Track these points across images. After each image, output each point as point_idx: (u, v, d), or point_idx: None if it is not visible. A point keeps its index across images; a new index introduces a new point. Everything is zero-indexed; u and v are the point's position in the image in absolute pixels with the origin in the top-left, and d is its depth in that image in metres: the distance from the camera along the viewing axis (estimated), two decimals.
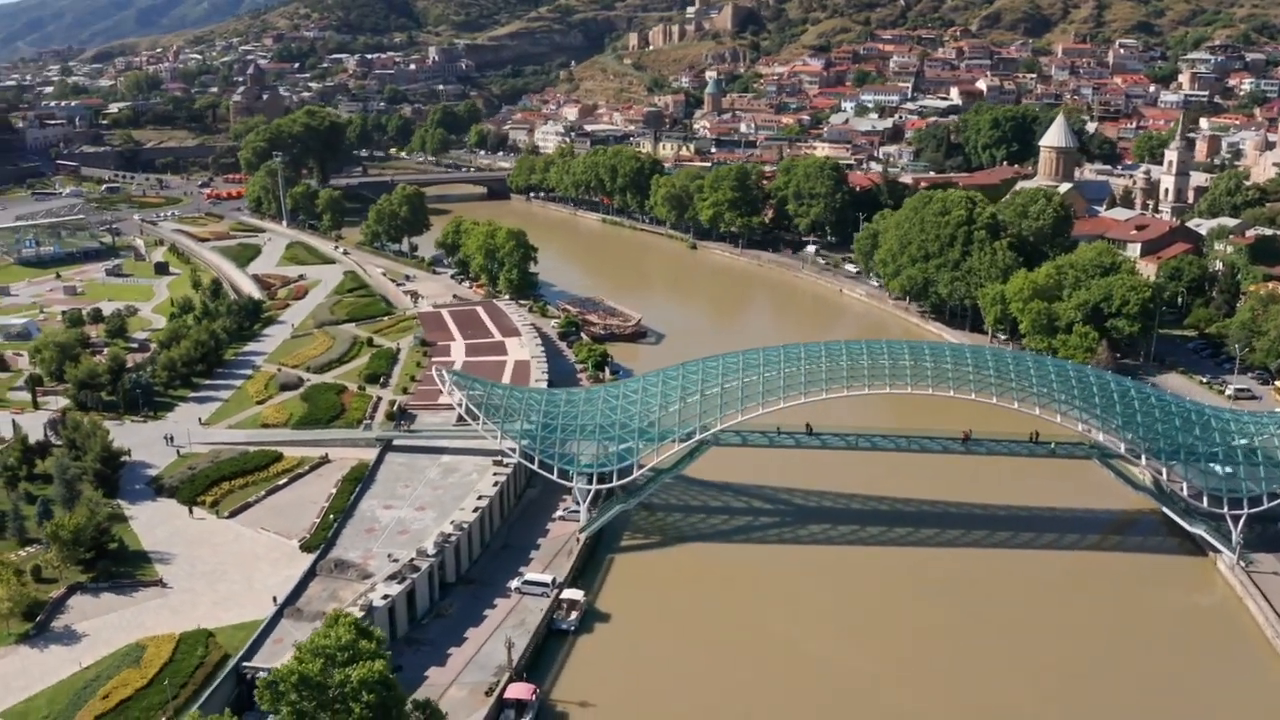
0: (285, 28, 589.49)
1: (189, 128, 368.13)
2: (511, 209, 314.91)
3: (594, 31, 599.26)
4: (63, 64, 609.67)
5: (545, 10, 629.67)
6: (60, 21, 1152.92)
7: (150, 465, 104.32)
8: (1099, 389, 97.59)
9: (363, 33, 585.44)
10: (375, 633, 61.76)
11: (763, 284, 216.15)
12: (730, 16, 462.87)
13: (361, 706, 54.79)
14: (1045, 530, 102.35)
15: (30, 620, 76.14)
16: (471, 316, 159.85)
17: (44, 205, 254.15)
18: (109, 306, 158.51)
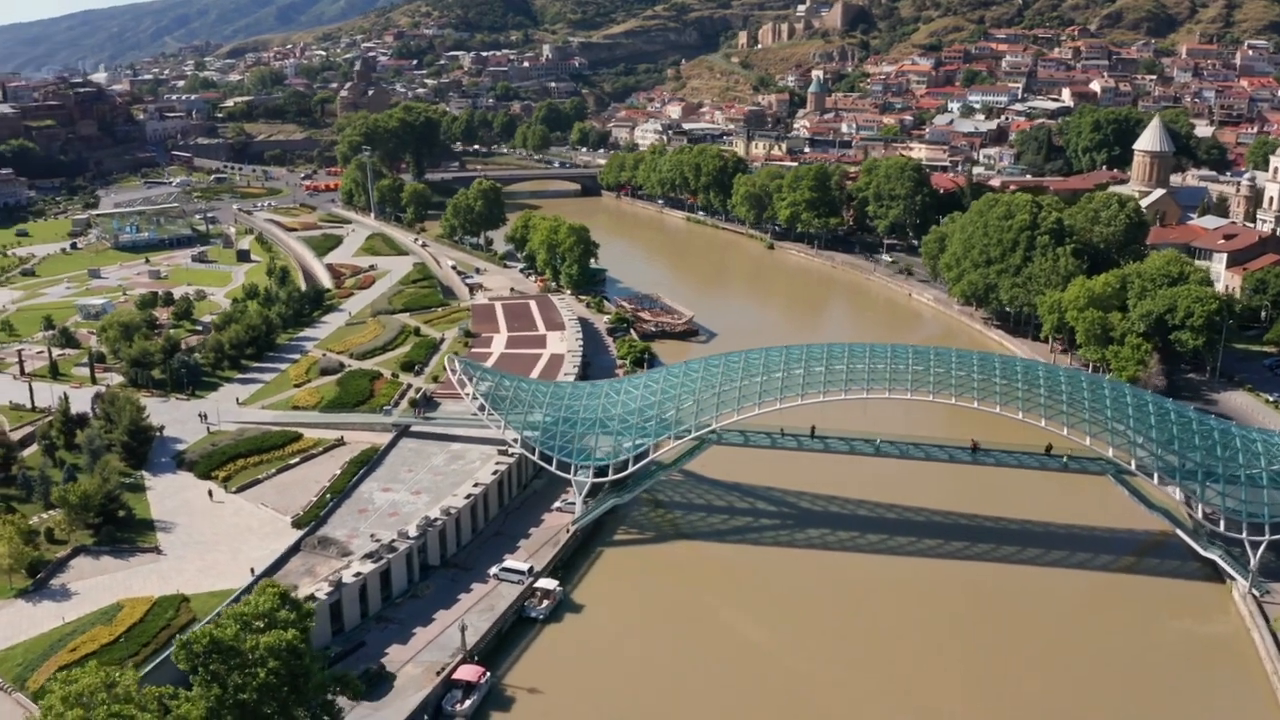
0: (406, 25, 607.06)
1: (299, 122, 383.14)
2: (602, 206, 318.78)
3: (709, 30, 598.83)
4: (197, 59, 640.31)
5: (661, 9, 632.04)
6: (205, 18, 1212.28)
7: (181, 440, 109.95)
8: (1113, 402, 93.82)
9: (480, 30, 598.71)
10: (304, 605, 64.16)
11: (832, 286, 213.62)
12: (840, 14, 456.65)
13: (266, 672, 57.14)
14: (1055, 547, 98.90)
15: (33, 577, 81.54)
16: (522, 310, 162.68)
17: (143, 194, 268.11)
18: (187, 290, 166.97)
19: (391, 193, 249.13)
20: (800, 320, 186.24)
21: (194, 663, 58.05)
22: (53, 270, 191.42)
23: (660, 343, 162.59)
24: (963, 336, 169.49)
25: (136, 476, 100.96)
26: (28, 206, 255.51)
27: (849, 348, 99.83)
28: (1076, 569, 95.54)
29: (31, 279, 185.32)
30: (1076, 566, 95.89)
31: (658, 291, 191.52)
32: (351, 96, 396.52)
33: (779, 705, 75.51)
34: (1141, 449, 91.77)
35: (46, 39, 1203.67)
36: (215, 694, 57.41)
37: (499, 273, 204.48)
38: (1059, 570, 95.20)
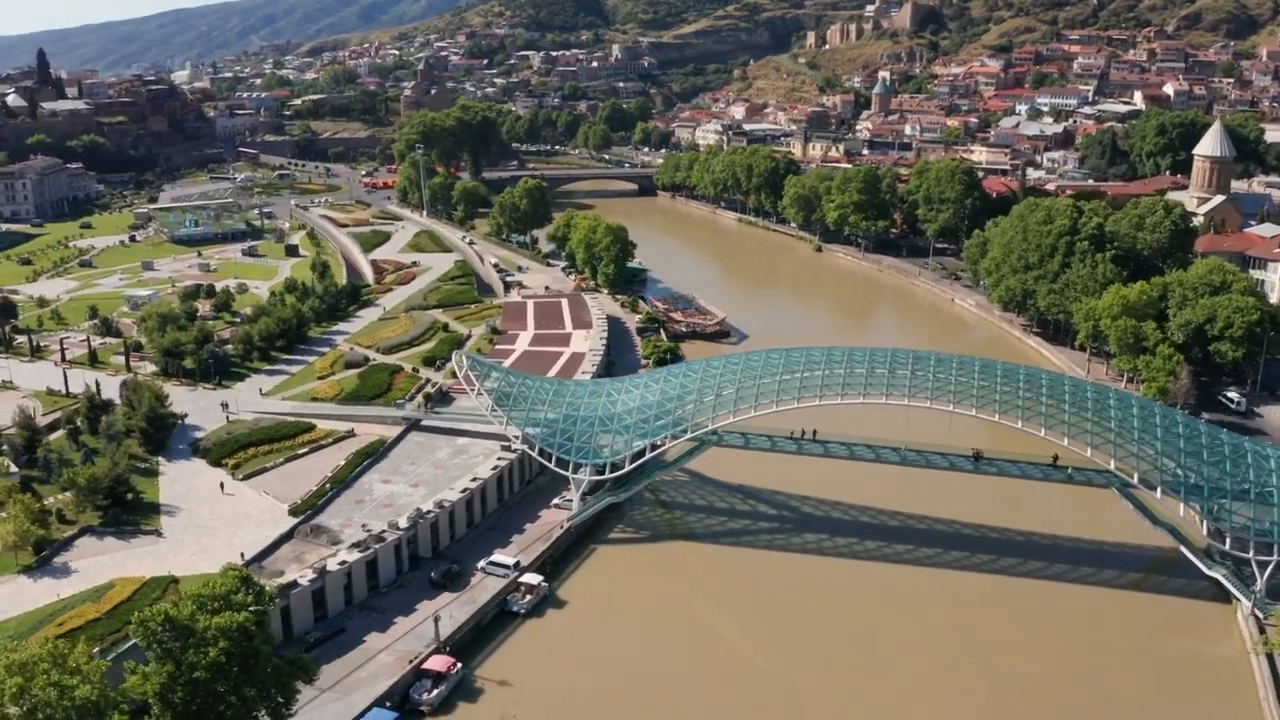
0: (479, 25, 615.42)
1: (363, 120, 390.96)
2: (657, 206, 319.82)
3: (780, 30, 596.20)
4: (277, 58, 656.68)
5: (733, 8, 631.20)
6: (290, 17, 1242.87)
7: (201, 428, 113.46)
8: (1118, 412, 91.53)
9: (551, 30, 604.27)
10: (265, 590, 66.03)
11: (876, 289, 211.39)
12: (910, 15, 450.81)
13: (217, 651, 59.00)
14: (1058, 560, 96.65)
15: (38, 554, 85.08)
16: (553, 308, 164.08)
17: (200, 189, 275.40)
18: (229, 283, 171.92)
19: (443, 191, 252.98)
20: (837, 324, 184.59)
21: (149, 639, 60.17)
22: (109, 262, 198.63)
23: (690, 343, 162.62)
24: (1001, 344, 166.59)
25: (152, 462, 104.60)
26: (95, 200, 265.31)
27: (849, 352, 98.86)
28: (1078, 584, 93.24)
29: (88, 270, 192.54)
30: (1079, 581, 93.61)
31: (699, 292, 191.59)
32: (415, 95, 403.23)
33: (746, 714, 75.22)
34: (1145, 462, 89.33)
35: (138, 37, 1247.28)
36: (169, 670, 59.39)
37: (541, 271, 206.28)
38: (1061, 584, 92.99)
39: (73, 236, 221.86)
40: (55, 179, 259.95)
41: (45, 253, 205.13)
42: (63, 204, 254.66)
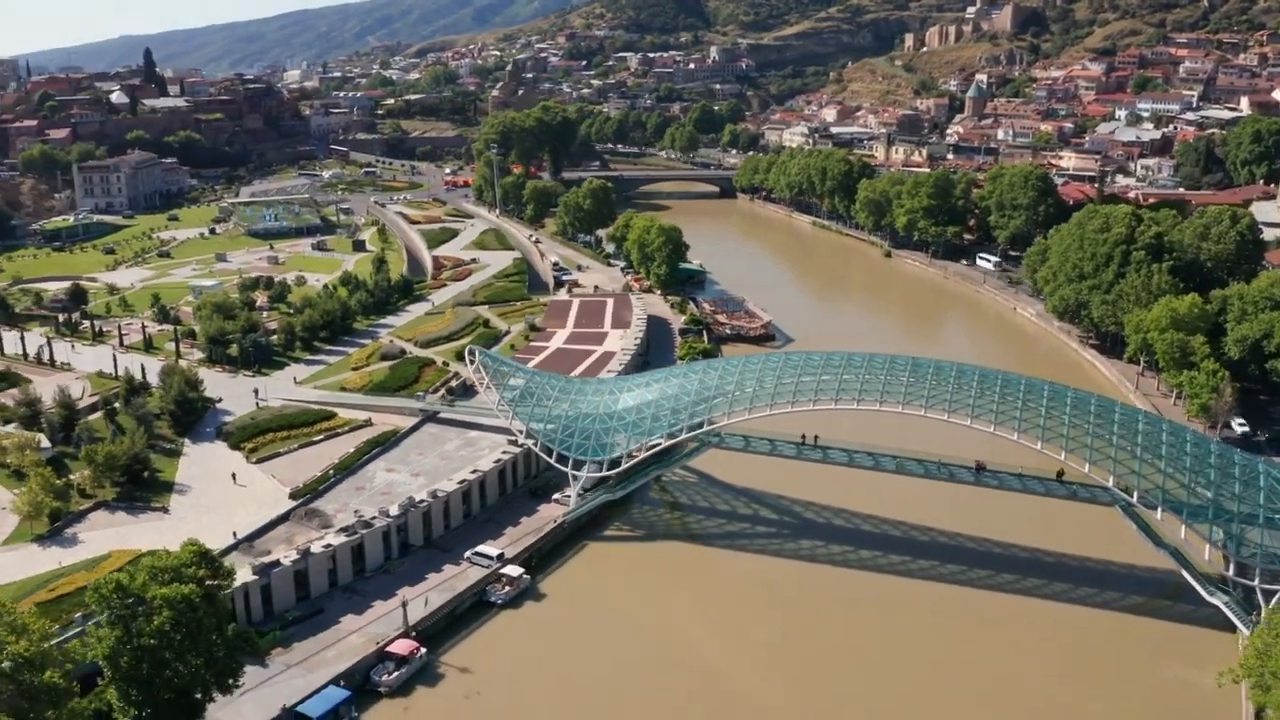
0: (580, 27, 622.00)
1: (452, 119, 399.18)
2: (735, 208, 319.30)
3: (884, 32, 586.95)
4: (385, 59, 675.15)
5: (835, 10, 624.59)
6: (406, 18, 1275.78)
7: (231, 413, 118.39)
8: (1121, 428, 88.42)
9: (651, 32, 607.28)
10: (224, 566, 69.10)
11: (938, 296, 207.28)
12: (1010, 16, 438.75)
13: (161, 620, 62.06)
14: (1059, 578, 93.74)
15: (53, 524, 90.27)
16: (597, 307, 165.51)
17: (278, 185, 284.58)
18: (289, 276, 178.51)
19: (514, 190, 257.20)
20: (887, 330, 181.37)
21: (102, 605, 63.66)
22: (186, 253, 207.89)
23: (733, 346, 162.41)
24: (1056, 355, 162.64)
25: (178, 443, 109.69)
26: (185, 193, 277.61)
27: (848, 356, 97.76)
28: (1077, 604, 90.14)
29: (165, 260, 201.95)
30: (1078, 601, 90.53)
31: (758, 296, 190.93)
32: (502, 95, 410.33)
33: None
34: (1147, 480, 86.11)
35: (261, 37, 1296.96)
36: (118, 635, 62.69)
37: (600, 270, 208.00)
38: (1058, 604, 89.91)
39: (158, 228, 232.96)
40: (149, 173, 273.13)
41: (129, 243, 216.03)
42: (154, 197, 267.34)
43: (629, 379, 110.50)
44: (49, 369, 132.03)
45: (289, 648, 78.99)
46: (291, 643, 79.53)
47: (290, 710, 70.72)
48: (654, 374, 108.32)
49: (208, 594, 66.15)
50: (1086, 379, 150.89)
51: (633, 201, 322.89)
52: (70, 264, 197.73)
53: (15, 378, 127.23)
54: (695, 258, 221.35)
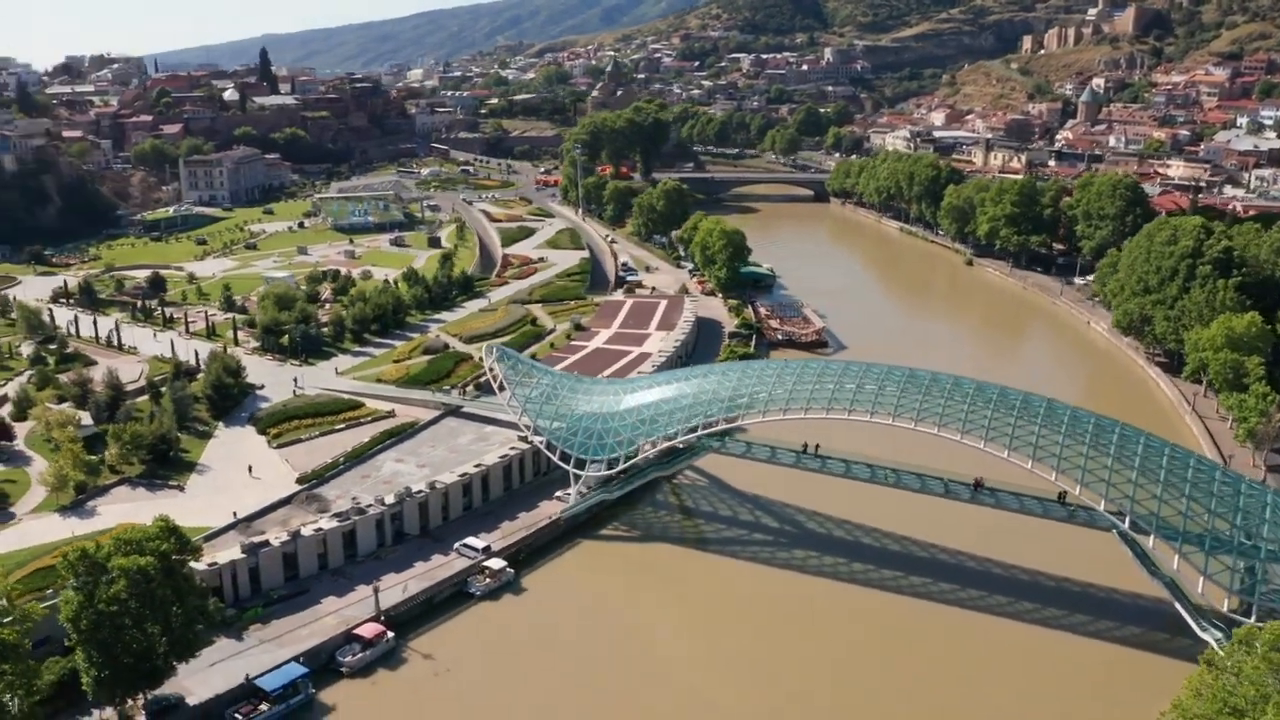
0: (695, 28, 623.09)
1: (552, 119, 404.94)
2: (827, 212, 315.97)
3: (1008, 34, 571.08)
4: (504, 59, 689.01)
5: (957, 11, 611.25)
6: (535, 19, 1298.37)
7: (268, 399, 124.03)
8: (1119, 449, 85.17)
9: (765, 33, 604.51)
10: (192, 542, 73.21)
11: (1012, 307, 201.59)
12: (1132, 19, 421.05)
13: (118, 588, 66.25)
14: (1054, 604, 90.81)
15: (78, 495, 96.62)
16: (648, 308, 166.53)
17: (364, 181, 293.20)
18: (357, 270, 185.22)
19: (596, 190, 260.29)
20: (946, 340, 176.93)
21: (69, 571, 68.32)
22: (272, 246, 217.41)
23: (783, 351, 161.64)
24: (1118, 372, 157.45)
25: (212, 426, 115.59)
26: (284, 188, 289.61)
27: (845, 365, 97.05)
28: (1069, 631, 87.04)
29: (251, 252, 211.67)
30: (1070, 629, 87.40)
31: (826, 301, 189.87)
32: (601, 96, 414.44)
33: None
34: (1141, 505, 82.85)
35: (394, 36, 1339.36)
36: (80, 600, 67.16)
37: (669, 272, 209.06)
38: (1049, 631, 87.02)
39: (252, 221, 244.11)
40: (251, 168, 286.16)
41: (220, 235, 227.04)
42: (254, 191, 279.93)
43: (637, 380, 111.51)
44: (116, 352, 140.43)
45: (267, 624, 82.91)
46: (270, 620, 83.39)
47: (249, 682, 74.29)
48: (657, 375, 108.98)
49: (168, 567, 70.05)
50: (1148, 397, 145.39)
51: (723, 204, 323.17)
52: (163, 253, 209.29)
53: (84, 359, 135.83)
54: (774, 261, 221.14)
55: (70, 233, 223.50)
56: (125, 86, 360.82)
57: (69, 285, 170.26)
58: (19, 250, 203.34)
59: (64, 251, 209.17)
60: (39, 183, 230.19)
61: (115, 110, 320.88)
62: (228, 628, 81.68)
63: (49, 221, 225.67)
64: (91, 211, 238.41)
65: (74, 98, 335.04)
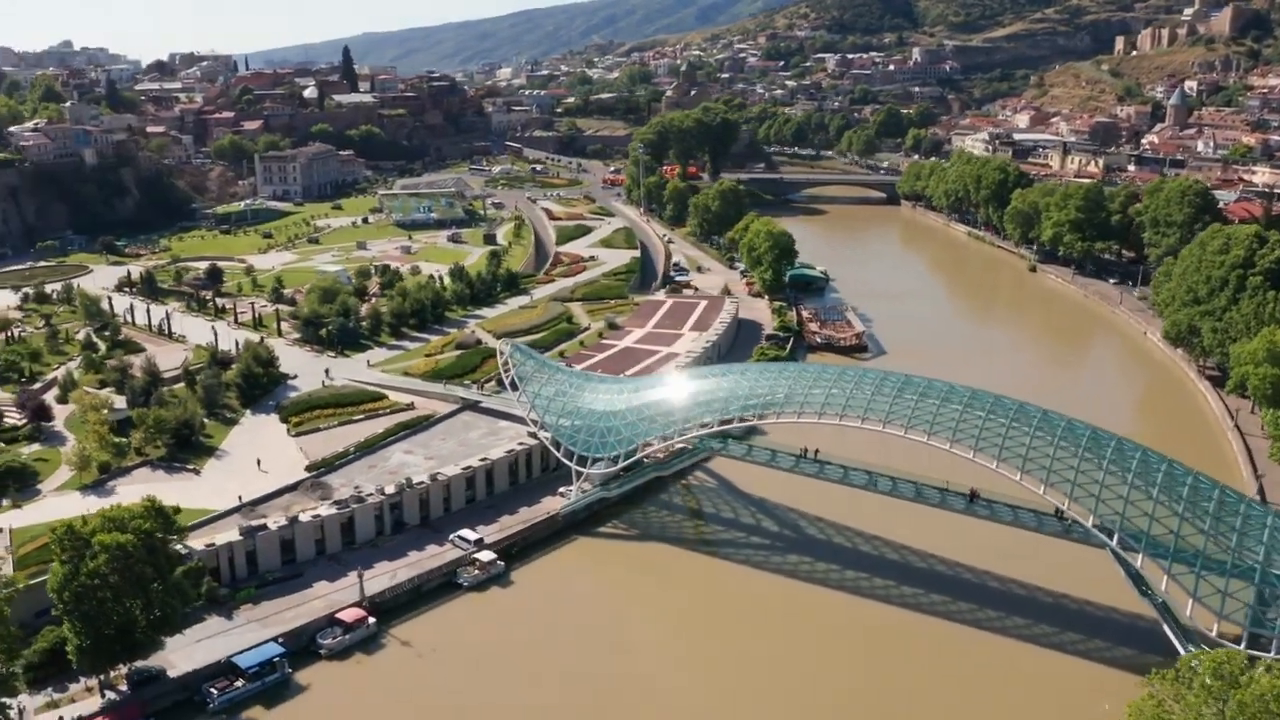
0: (781, 27, 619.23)
1: (626, 119, 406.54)
2: (896, 215, 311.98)
3: (1104, 35, 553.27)
4: (591, 58, 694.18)
5: (1052, 10, 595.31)
6: (631, 17, 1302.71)
7: (298, 389, 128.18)
8: (1114, 463, 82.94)
9: (853, 32, 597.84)
10: (175, 523, 76.69)
11: (1071, 315, 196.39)
12: (1229, 19, 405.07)
13: (97, 563, 69.82)
14: (1045, 620, 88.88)
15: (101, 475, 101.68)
16: (686, 309, 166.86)
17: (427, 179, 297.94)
18: (408, 265, 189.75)
19: (656, 190, 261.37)
20: (993, 347, 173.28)
21: (57, 545, 72.23)
22: (334, 240, 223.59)
23: (821, 355, 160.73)
24: (1167, 384, 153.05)
25: (239, 413, 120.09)
26: (356, 184, 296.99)
27: (840, 371, 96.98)
28: (1057, 650, 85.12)
29: (313, 246, 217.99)
30: (1058, 648, 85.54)
31: (878, 305, 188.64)
32: (675, 96, 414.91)
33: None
34: (1131, 523, 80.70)
35: (492, 35, 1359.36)
36: (65, 572, 70.98)
37: (721, 273, 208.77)
38: (1037, 649, 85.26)
39: (320, 216, 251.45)
40: (324, 164, 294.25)
41: (286, 229, 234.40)
42: (326, 187, 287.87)
43: (643, 380, 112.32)
44: (166, 340, 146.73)
45: (258, 604, 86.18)
46: (261, 601, 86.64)
47: (227, 660, 77.46)
48: (662, 376, 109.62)
49: (150, 545, 73.51)
50: (1195, 412, 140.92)
51: (792, 205, 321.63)
52: (229, 246, 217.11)
53: (134, 345, 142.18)
54: (834, 264, 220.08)
55: (146, 224, 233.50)
56: (212, 83, 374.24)
57: (132, 275, 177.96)
58: (94, 241, 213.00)
59: (136, 242, 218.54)
60: (118, 176, 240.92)
61: (199, 107, 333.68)
62: (220, 606, 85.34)
63: (126, 213, 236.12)
64: (167, 204, 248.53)
65: (161, 94, 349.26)
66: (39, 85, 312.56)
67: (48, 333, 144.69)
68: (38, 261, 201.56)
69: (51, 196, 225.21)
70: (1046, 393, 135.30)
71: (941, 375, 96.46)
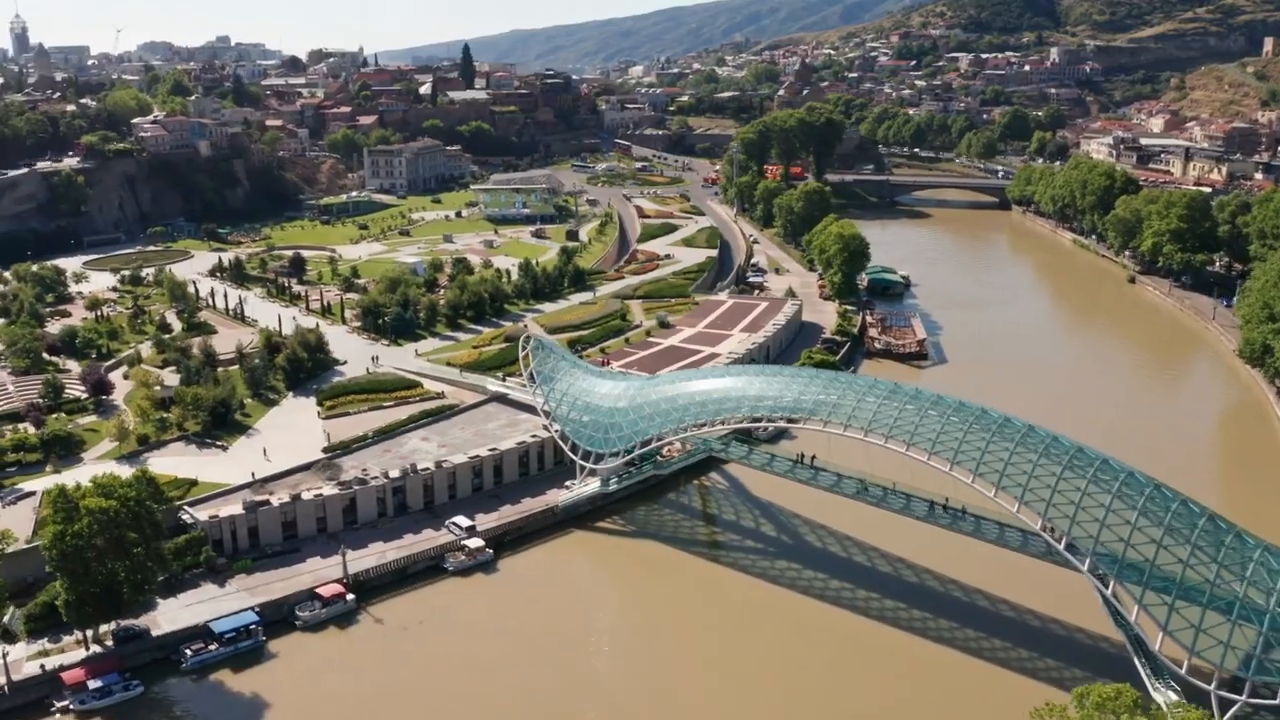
0: (916, 25, 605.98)
1: (738, 118, 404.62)
2: (1004, 220, 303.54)
3: (1259, 36, 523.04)
4: (720, 56, 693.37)
5: (1204, 10, 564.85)
6: (775, 15, 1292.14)
7: (343, 374, 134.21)
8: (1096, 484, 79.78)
9: (990, 31, 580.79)
10: (166, 492, 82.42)
11: (1160, 329, 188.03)
12: None
13: (81, 525, 75.72)
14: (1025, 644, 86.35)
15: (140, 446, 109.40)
16: (743, 310, 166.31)
17: (520, 175, 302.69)
18: (484, 258, 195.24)
19: (747, 190, 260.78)
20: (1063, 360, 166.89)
21: (52, 507, 78.61)
22: (424, 233, 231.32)
23: (878, 361, 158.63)
24: (1244, 403, 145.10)
25: (282, 394, 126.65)
26: (459, 179, 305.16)
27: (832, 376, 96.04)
28: (1031, 677, 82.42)
29: (402, 238, 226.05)
30: (1032, 674, 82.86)
31: (957, 314, 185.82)
32: (788, 95, 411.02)
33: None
34: (1104, 547, 77.76)
35: (635, 33, 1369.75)
36: (55, 531, 77.17)
37: (800, 275, 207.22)
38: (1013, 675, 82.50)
39: (418, 209, 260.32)
40: (431, 158, 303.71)
41: (381, 221, 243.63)
42: (431, 181, 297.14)
43: (654, 378, 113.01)
44: (239, 323, 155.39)
45: (251, 574, 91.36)
46: (256, 572, 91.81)
47: (204, 625, 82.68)
48: (669, 376, 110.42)
49: (135, 513, 79.11)
50: (1268, 433, 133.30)
51: (898, 208, 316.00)
52: (325, 236, 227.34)
53: (208, 328, 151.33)
54: (926, 269, 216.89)
55: (255, 214, 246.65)
56: (335, 79, 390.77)
57: (223, 261, 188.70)
58: (201, 228, 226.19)
59: (240, 231, 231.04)
60: (230, 167, 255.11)
61: (319, 102, 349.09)
62: (215, 575, 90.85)
63: (236, 203, 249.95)
64: (276, 195, 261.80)
65: (285, 89, 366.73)
66: (169, 79, 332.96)
67: (132, 313, 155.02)
68: (146, 246, 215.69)
69: (166, 185, 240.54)
70: (1098, 414, 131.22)
71: (996, 389, 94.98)
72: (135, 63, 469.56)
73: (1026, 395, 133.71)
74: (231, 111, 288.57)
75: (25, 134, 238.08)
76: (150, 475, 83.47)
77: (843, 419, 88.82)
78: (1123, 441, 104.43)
